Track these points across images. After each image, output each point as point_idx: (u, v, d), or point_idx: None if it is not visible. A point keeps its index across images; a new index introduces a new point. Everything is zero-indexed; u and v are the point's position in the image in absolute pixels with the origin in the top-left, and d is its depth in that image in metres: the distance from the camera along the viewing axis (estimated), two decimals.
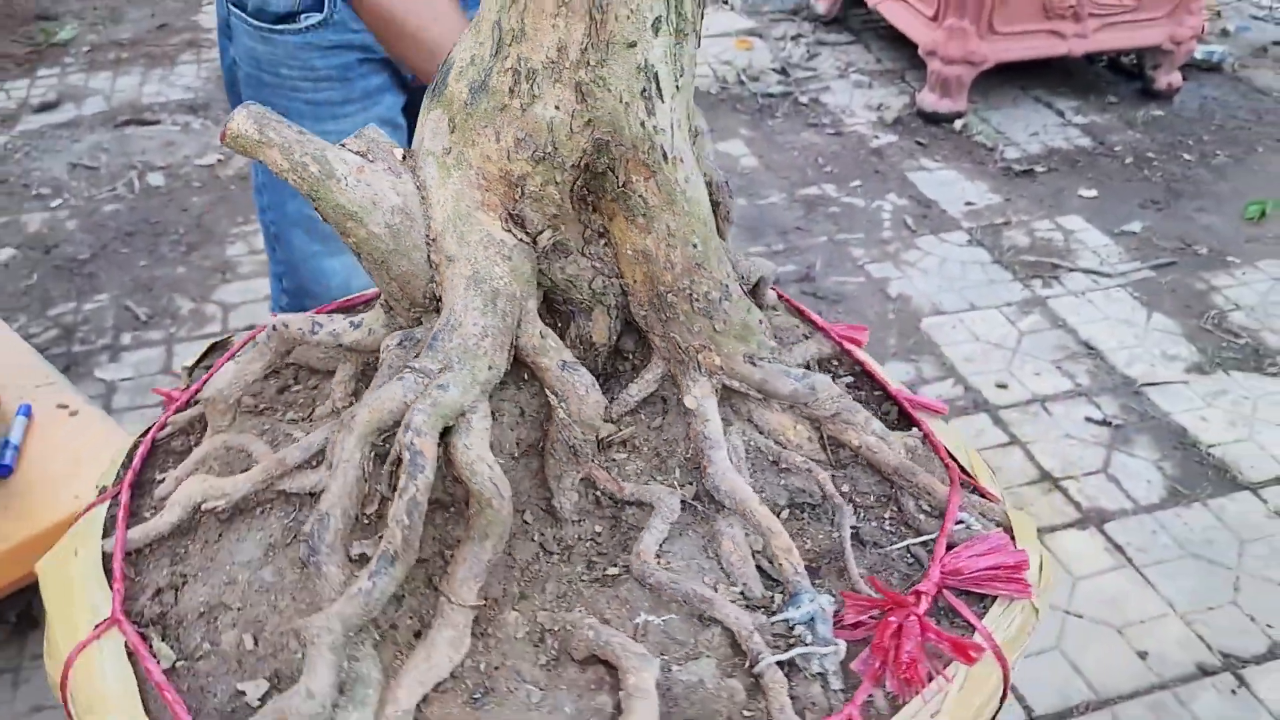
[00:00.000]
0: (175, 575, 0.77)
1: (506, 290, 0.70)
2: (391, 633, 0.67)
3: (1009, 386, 2.25)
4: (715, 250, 0.76)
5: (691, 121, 0.75)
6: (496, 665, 0.67)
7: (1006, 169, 3.06)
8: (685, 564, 0.74)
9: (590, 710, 0.65)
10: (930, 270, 2.62)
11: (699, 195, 0.73)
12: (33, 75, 3.45)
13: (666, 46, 0.66)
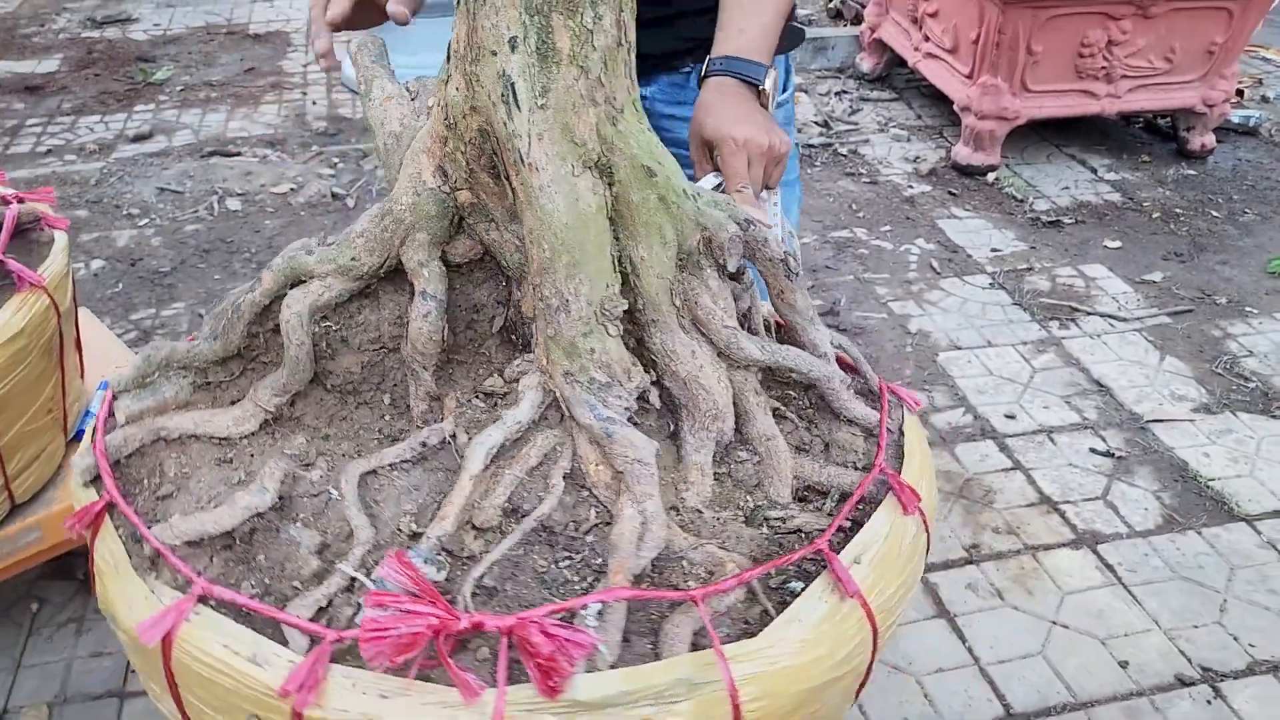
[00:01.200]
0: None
1: (396, 214, 0.86)
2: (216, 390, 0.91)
3: (1017, 417, 2.35)
4: (570, 264, 0.79)
5: (586, 146, 0.80)
6: (254, 454, 0.86)
7: (1035, 219, 3.18)
8: (425, 495, 0.83)
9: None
10: (951, 309, 2.74)
11: (555, 207, 0.79)
12: (130, 110, 3.76)
13: (524, 64, 0.77)
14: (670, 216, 0.84)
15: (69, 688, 1.68)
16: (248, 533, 0.78)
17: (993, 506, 2.10)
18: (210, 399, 0.91)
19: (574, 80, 0.78)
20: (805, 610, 0.73)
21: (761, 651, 0.70)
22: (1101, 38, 3.24)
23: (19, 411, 1.48)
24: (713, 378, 0.86)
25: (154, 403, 0.89)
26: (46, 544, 1.60)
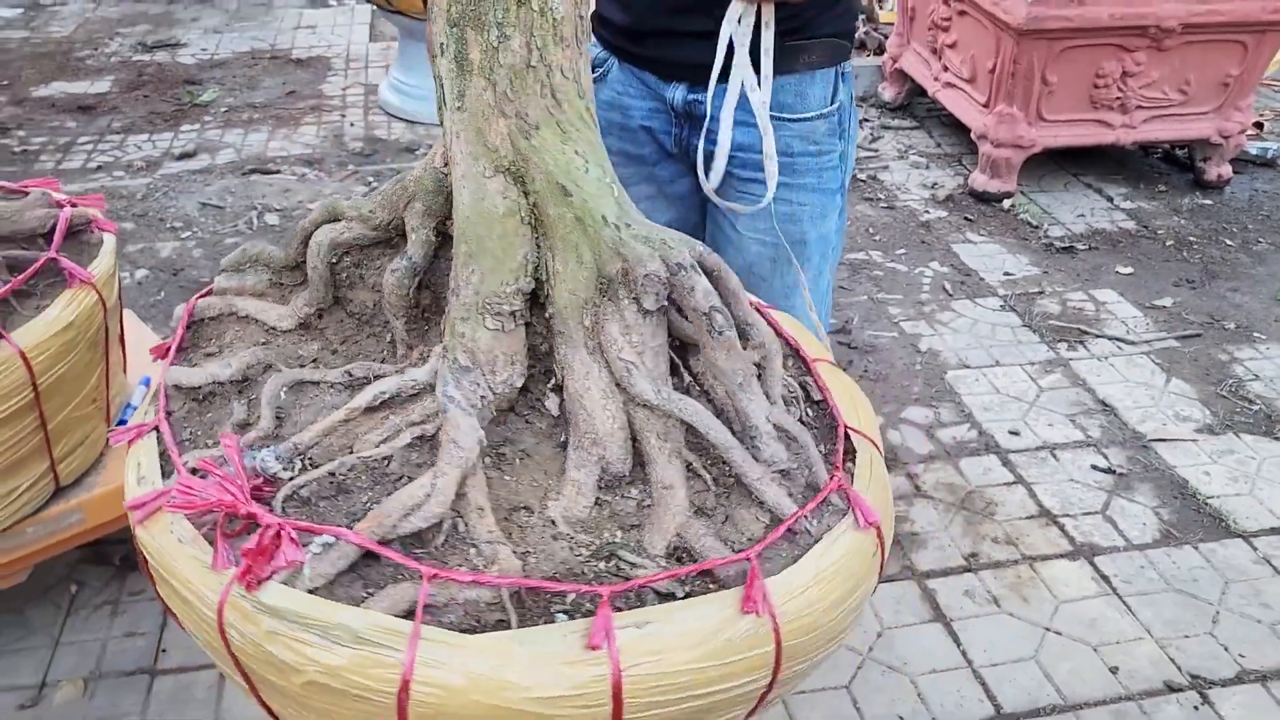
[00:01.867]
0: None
1: (405, 183, 0.99)
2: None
3: (1021, 434, 2.41)
4: (467, 254, 0.89)
5: (499, 152, 0.88)
6: (281, 346, 1.05)
7: (1048, 245, 3.24)
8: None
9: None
10: (961, 330, 2.81)
11: (463, 200, 0.89)
12: (176, 129, 3.92)
13: (448, 69, 0.88)
14: (588, 239, 0.88)
15: (103, 664, 1.78)
16: (208, 393, 0.96)
17: (993, 518, 2.16)
18: (279, 296, 1.07)
19: (482, 90, 0.87)
20: (496, 645, 0.72)
21: (449, 647, 0.71)
22: (1116, 69, 3.31)
23: (67, 399, 1.59)
24: (598, 403, 0.88)
25: (238, 285, 1.08)
26: (87, 525, 1.70)
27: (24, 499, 1.58)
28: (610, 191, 0.90)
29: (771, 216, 1.53)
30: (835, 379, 1.04)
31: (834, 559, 0.82)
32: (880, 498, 0.90)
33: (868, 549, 0.85)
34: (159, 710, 1.71)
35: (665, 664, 0.73)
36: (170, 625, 1.85)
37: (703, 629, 0.75)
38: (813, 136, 1.52)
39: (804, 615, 0.79)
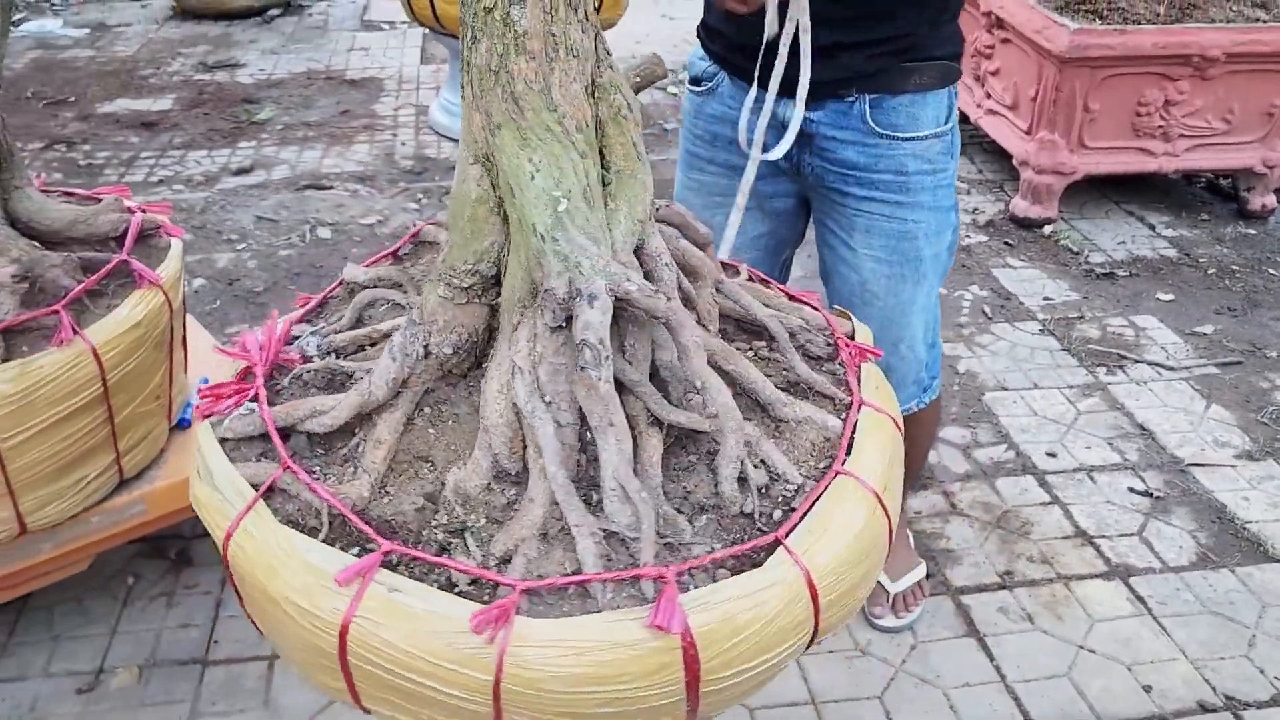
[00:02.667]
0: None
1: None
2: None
3: (1058, 455, 2.42)
4: (445, 227, 1.07)
5: (476, 143, 0.98)
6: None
7: (1089, 271, 3.25)
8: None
9: None
10: (1000, 353, 2.82)
11: (453, 179, 1.01)
12: (234, 146, 4.05)
13: (461, 69, 0.99)
14: (525, 244, 0.94)
15: (158, 653, 1.85)
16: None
17: (1029, 537, 2.17)
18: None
19: (465, 84, 0.98)
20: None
21: (257, 519, 0.92)
22: (1159, 97, 3.32)
23: (132, 394, 1.67)
24: (493, 396, 0.94)
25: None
26: (149, 517, 1.77)
27: (91, 488, 1.66)
28: (552, 204, 0.92)
29: (887, 234, 1.58)
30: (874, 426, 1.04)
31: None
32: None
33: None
34: (210, 698, 1.77)
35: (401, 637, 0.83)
36: (222, 618, 1.92)
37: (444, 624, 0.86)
38: (927, 155, 1.55)
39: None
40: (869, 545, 0.93)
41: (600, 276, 0.91)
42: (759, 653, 0.85)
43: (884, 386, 1.11)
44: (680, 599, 0.82)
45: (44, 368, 1.48)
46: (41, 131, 4.13)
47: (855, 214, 1.59)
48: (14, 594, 1.75)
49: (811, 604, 0.87)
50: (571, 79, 0.95)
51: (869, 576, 0.95)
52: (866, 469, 0.96)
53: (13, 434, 1.49)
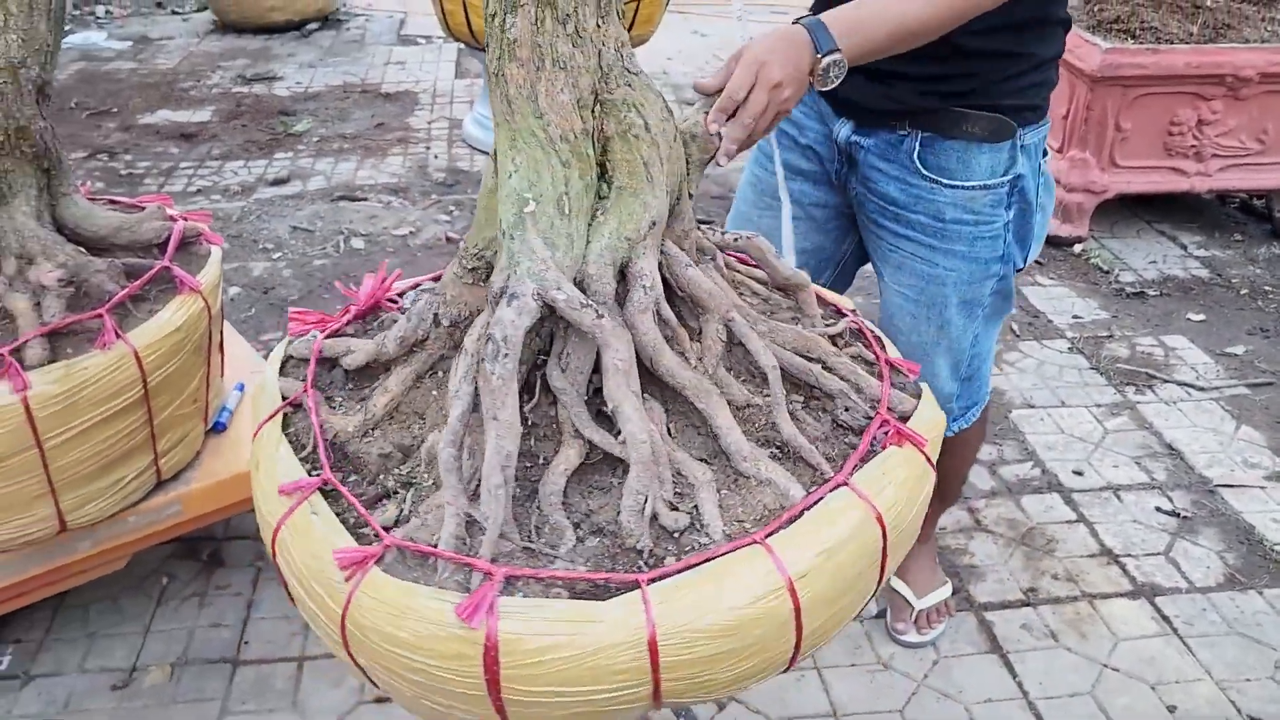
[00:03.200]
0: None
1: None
2: None
3: (1085, 474, 2.41)
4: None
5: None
6: None
7: (1119, 290, 3.24)
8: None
9: None
10: (1028, 370, 2.82)
11: (484, 170, 1.10)
12: (271, 157, 4.12)
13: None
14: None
15: (189, 652, 1.89)
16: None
17: (1053, 555, 2.17)
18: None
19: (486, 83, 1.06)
20: None
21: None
22: (1191, 117, 3.31)
23: (171, 397, 1.71)
24: (453, 378, 1.02)
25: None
26: (185, 517, 1.81)
27: (129, 488, 1.70)
28: (520, 203, 0.98)
29: (916, 274, 1.54)
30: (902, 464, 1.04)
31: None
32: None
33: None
34: (240, 697, 1.80)
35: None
36: (253, 619, 1.96)
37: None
38: (972, 205, 1.48)
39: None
40: (736, 629, 0.88)
41: (530, 279, 0.96)
42: (570, 682, 0.86)
43: (904, 479, 1.02)
44: (500, 601, 0.86)
45: (88, 369, 1.52)
46: (84, 141, 4.22)
47: (890, 249, 1.56)
48: (51, 591, 1.79)
49: (650, 660, 0.86)
50: (559, 89, 0.99)
51: (732, 662, 0.90)
52: (792, 549, 0.92)
53: (56, 434, 1.53)
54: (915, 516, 1.04)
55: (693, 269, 1.10)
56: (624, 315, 1.04)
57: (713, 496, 0.98)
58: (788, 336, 1.13)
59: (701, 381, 1.05)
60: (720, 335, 1.09)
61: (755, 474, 1.00)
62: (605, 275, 1.03)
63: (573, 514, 0.98)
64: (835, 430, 1.07)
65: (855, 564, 0.95)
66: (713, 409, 1.03)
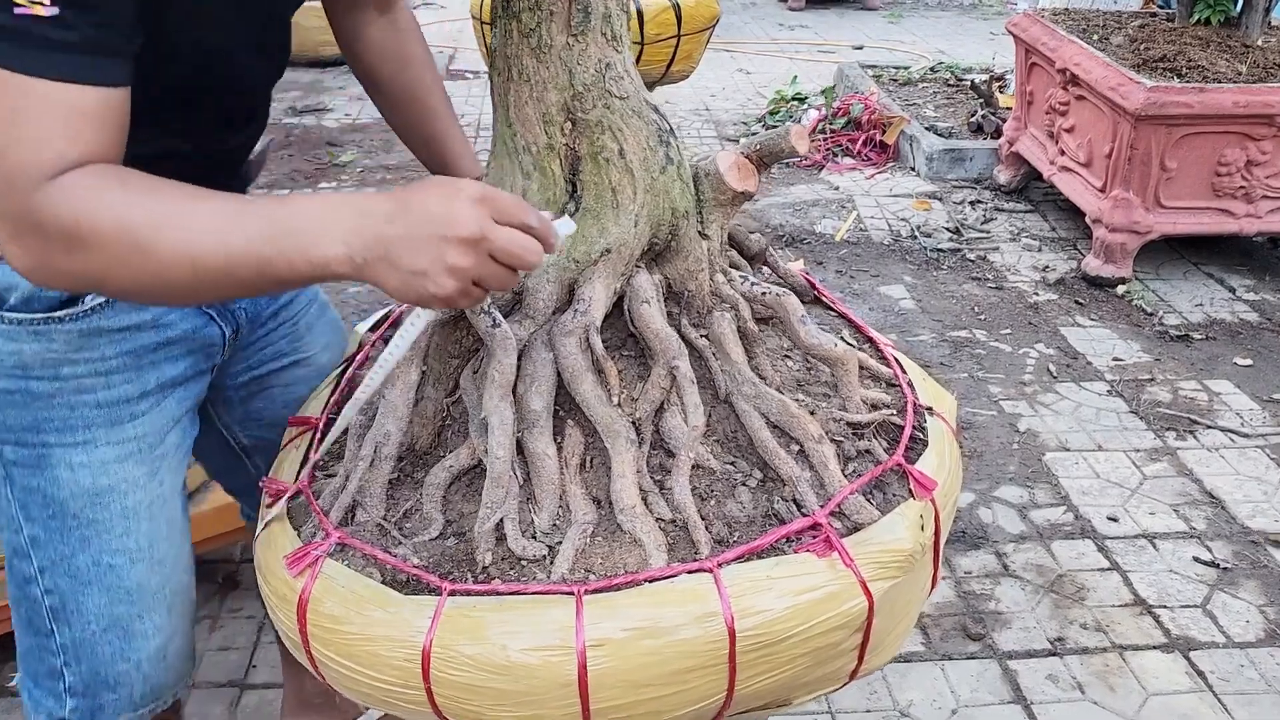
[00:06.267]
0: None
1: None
2: None
3: (1120, 520, 2.33)
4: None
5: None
6: None
7: (1162, 333, 3.15)
8: None
9: None
10: (1064, 412, 2.75)
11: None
12: (315, 186, 4.19)
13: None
14: None
15: (198, 675, 1.88)
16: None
17: (1083, 603, 2.09)
18: None
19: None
20: None
21: None
22: (1240, 157, 3.23)
23: None
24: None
25: None
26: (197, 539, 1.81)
27: None
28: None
29: None
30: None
31: None
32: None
33: None
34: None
35: None
36: (261, 643, 1.95)
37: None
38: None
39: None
40: (507, 670, 0.87)
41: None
42: (352, 658, 0.93)
43: (798, 590, 0.92)
44: (325, 562, 0.98)
45: None
46: None
47: None
48: None
49: (421, 666, 0.89)
50: (524, 101, 1.00)
51: (506, 705, 0.89)
52: (604, 612, 0.89)
53: None
54: (808, 638, 0.92)
55: (648, 306, 1.08)
56: (549, 334, 1.04)
57: (578, 538, 0.96)
58: (770, 406, 1.07)
59: (615, 420, 1.02)
60: (663, 381, 1.06)
61: (631, 529, 0.97)
62: (543, 290, 1.05)
63: (450, 511, 1.01)
64: (766, 518, 1.01)
65: (679, 658, 0.88)
66: (616, 451, 1.01)
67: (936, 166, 4.26)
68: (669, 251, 1.13)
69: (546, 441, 1.04)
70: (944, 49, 6.42)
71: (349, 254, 0.80)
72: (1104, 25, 3.82)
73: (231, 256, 0.80)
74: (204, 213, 0.82)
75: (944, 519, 1.07)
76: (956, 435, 1.18)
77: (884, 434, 1.15)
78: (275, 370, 1.33)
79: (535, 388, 1.06)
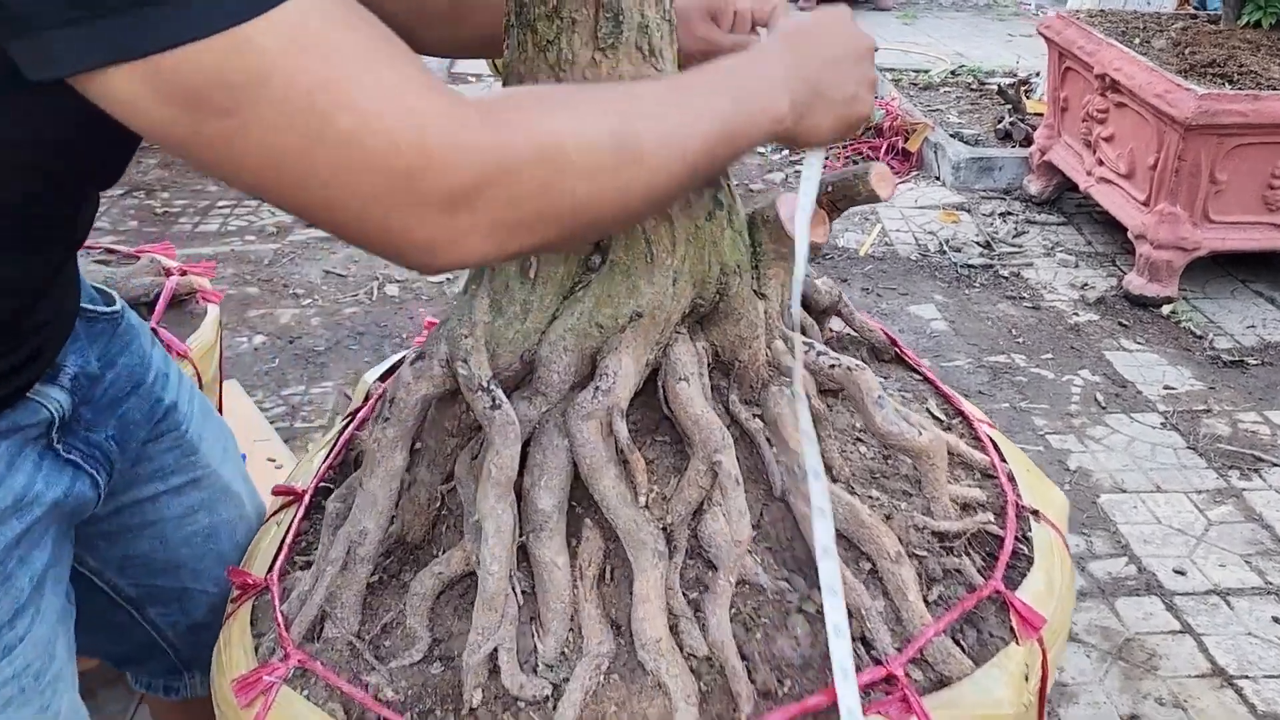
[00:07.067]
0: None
1: None
2: None
3: (1188, 574, 2.13)
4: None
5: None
6: None
7: (1214, 358, 2.94)
8: None
9: None
10: (1116, 448, 2.54)
11: None
12: None
13: None
14: None
15: None
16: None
17: (1156, 674, 1.88)
18: None
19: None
20: None
21: None
22: None
23: None
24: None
25: None
26: None
27: None
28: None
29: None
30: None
31: None
32: None
33: None
34: None
35: None
36: None
37: None
38: None
39: None
40: None
41: (447, 341, 0.89)
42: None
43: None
44: (280, 690, 0.83)
45: None
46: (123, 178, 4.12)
47: None
48: None
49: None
50: None
51: None
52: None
53: None
54: None
55: (687, 385, 0.88)
56: (564, 416, 0.86)
57: (589, 675, 0.79)
58: (837, 511, 0.88)
59: (640, 526, 0.83)
60: (702, 478, 0.87)
61: (654, 670, 0.80)
62: (559, 361, 0.87)
63: (438, 628, 0.86)
64: (826, 660, 0.81)
65: None
66: (640, 566, 0.83)
67: (964, 176, 4.06)
68: (716, 314, 0.94)
69: (556, 548, 0.85)
70: (961, 51, 6.21)
71: (792, 101, 0.75)
72: (1144, 27, 3.61)
73: (710, 131, 0.70)
74: (661, 97, 0.71)
75: (1052, 662, 0.86)
76: (1067, 545, 0.97)
77: (978, 544, 0.95)
78: (163, 494, 1.02)
79: (545, 482, 0.86)
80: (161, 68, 0.53)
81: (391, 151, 0.56)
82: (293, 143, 0.55)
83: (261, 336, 2.99)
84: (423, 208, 0.58)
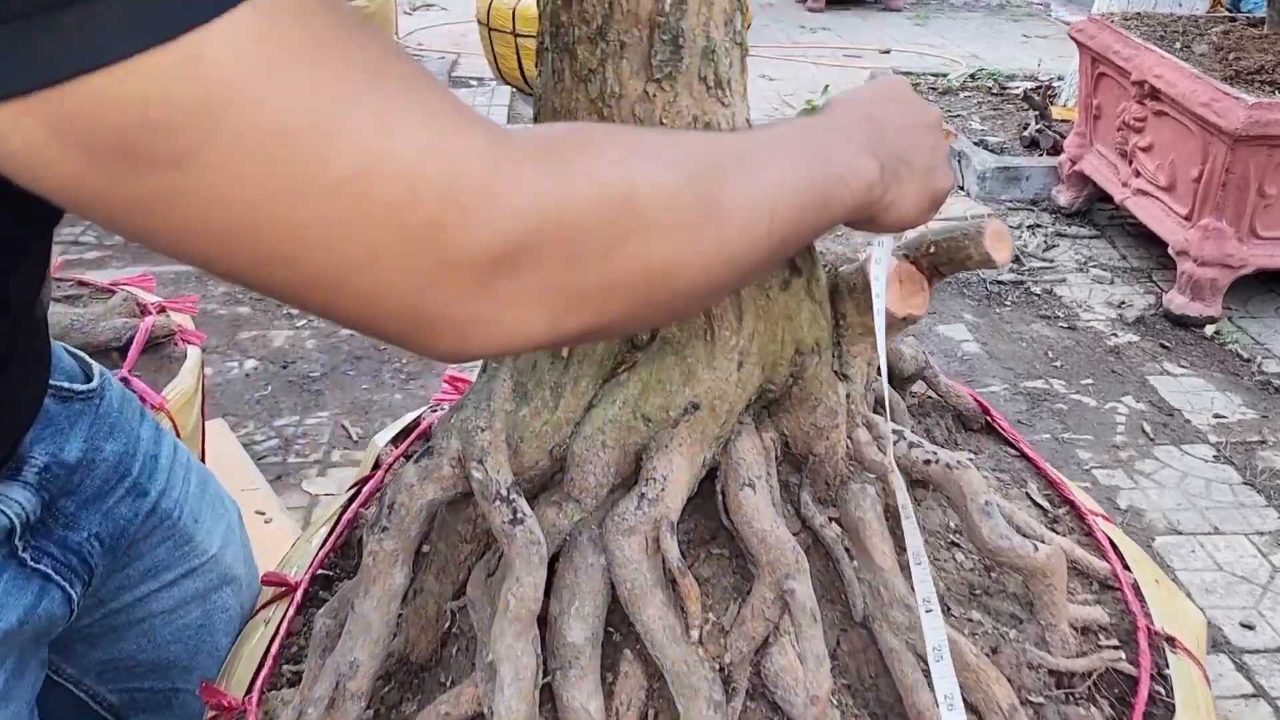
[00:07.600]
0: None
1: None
2: None
3: (1256, 628, 1.96)
4: None
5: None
6: None
7: (1265, 383, 2.78)
8: None
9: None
10: (1168, 484, 2.37)
11: None
12: None
13: None
14: None
15: None
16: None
17: None
18: None
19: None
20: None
21: None
22: None
23: None
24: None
25: None
26: None
27: None
28: None
29: None
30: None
31: None
32: None
33: None
34: None
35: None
36: None
37: None
38: None
39: None
40: None
41: (459, 436, 0.73)
42: None
43: None
44: None
45: None
46: None
47: None
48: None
49: None
50: None
51: None
52: None
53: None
54: None
55: (751, 493, 0.73)
56: (601, 529, 0.71)
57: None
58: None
59: (692, 667, 0.68)
60: (769, 608, 0.71)
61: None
62: (596, 460, 0.71)
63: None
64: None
65: None
66: (691, 716, 0.67)
67: (990, 186, 3.89)
68: (789, 399, 0.77)
69: (588, 691, 0.70)
70: (977, 53, 6.05)
71: (880, 166, 0.61)
72: (1183, 31, 3.43)
73: (799, 192, 0.55)
74: (744, 146, 0.55)
75: None
76: (1208, 681, 0.80)
77: (1104, 683, 0.78)
78: (154, 591, 0.87)
79: (575, 609, 0.71)
80: (66, 103, 0.35)
81: (408, 202, 0.39)
82: (264, 198, 0.38)
83: (253, 361, 2.82)
84: (451, 274, 0.41)
